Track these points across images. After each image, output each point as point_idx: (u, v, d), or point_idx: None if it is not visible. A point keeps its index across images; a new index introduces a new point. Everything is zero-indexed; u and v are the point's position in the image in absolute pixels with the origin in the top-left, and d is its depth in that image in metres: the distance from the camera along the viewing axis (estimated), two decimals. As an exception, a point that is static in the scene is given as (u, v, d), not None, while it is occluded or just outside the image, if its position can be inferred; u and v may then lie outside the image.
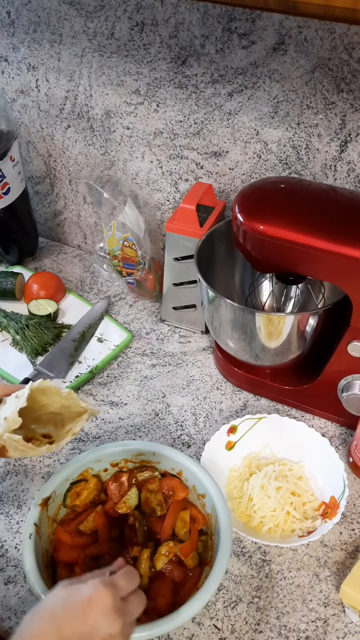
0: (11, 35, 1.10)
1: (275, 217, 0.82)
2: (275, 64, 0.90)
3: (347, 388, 0.90)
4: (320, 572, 0.79)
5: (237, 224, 0.84)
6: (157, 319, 1.17)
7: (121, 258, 1.16)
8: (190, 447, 0.94)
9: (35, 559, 0.70)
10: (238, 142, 1.01)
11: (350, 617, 0.74)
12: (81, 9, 1.01)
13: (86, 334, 1.11)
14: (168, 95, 1.02)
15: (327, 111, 0.91)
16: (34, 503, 0.75)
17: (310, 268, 0.83)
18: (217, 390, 1.03)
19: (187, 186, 1.11)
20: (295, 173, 1.00)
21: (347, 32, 0.83)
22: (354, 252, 0.78)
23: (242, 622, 0.75)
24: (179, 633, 0.74)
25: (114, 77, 1.06)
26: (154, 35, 0.97)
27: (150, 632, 0.64)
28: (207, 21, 0.91)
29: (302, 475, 0.87)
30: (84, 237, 1.33)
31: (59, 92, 1.13)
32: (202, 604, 0.66)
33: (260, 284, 1.04)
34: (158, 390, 1.03)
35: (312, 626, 0.74)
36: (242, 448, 0.91)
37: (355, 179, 0.95)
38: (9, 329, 1.12)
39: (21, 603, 0.76)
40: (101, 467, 0.82)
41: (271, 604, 0.76)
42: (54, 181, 1.28)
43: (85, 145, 1.18)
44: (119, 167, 1.17)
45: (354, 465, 0.89)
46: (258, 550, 0.82)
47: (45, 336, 1.10)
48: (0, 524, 0.84)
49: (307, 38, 0.86)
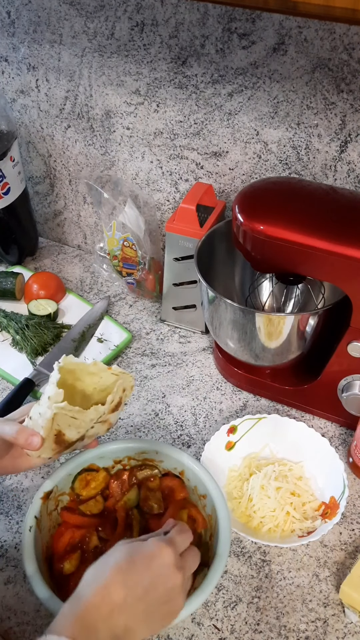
0: (11, 35, 1.10)
1: (275, 217, 0.82)
2: (275, 64, 0.90)
3: (347, 388, 0.90)
4: (320, 572, 0.79)
5: (237, 224, 0.85)
6: (157, 319, 1.17)
7: (121, 258, 1.16)
8: (190, 447, 0.94)
9: (35, 552, 0.70)
10: (238, 142, 1.01)
11: (350, 618, 0.74)
12: (81, 9, 1.01)
13: (86, 334, 1.11)
14: (168, 96, 1.02)
15: (327, 111, 0.91)
16: (36, 496, 0.75)
17: (310, 268, 0.83)
18: (217, 390, 1.03)
19: (187, 186, 1.12)
20: (296, 173, 1.00)
21: (347, 33, 0.83)
22: (354, 253, 0.78)
23: (242, 622, 0.75)
24: (179, 633, 0.74)
25: (114, 77, 1.06)
26: (154, 35, 0.97)
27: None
28: (207, 21, 0.91)
29: (302, 476, 0.87)
30: (84, 237, 1.33)
31: (59, 92, 1.13)
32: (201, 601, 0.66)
33: (260, 284, 1.04)
34: (158, 390, 1.03)
35: (312, 626, 0.74)
36: (242, 448, 0.91)
37: (355, 179, 0.95)
38: (9, 329, 1.12)
39: (21, 603, 0.76)
40: (104, 464, 0.82)
41: (271, 604, 0.76)
42: (54, 181, 1.28)
43: (86, 146, 1.18)
44: (119, 167, 1.17)
45: (353, 466, 0.89)
46: (258, 551, 0.82)
47: (45, 336, 1.10)
48: (0, 524, 0.84)
49: (307, 38, 0.86)
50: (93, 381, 0.72)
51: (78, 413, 0.67)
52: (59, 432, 0.68)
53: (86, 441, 0.74)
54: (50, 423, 0.67)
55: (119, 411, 0.73)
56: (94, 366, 0.71)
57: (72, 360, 0.70)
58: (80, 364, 0.71)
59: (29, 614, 0.75)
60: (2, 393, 1.03)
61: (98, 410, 0.69)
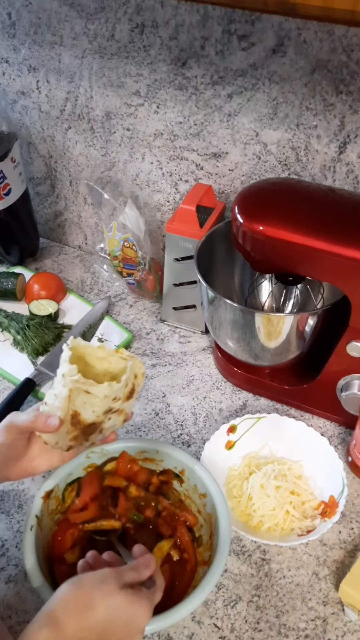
0: (12, 36, 1.11)
1: (274, 218, 0.83)
2: (274, 65, 0.91)
3: (346, 388, 0.90)
4: (320, 571, 0.80)
5: (237, 225, 0.85)
6: (157, 319, 1.17)
7: (121, 259, 1.16)
8: (190, 447, 0.95)
9: (36, 551, 0.70)
10: (238, 143, 1.01)
11: (349, 616, 0.75)
12: (82, 10, 1.01)
13: (87, 334, 1.11)
14: (168, 97, 1.03)
15: (326, 113, 0.91)
16: (37, 495, 0.75)
17: (309, 268, 0.83)
18: (216, 390, 1.04)
19: (187, 187, 1.12)
20: (295, 174, 1.00)
21: (346, 34, 0.83)
22: (353, 253, 0.78)
23: (242, 620, 0.75)
24: (179, 632, 0.74)
25: (115, 78, 1.06)
26: (154, 37, 0.97)
27: (150, 627, 0.64)
28: (206, 23, 0.92)
29: (302, 475, 0.87)
30: (84, 237, 1.34)
31: (59, 94, 1.14)
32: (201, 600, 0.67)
33: (259, 285, 1.05)
34: (158, 390, 1.04)
35: (312, 625, 0.75)
36: (242, 447, 0.91)
37: (354, 180, 0.96)
38: (10, 329, 1.12)
39: (22, 602, 0.77)
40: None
41: (271, 603, 0.77)
42: (55, 182, 1.28)
43: (86, 147, 1.18)
44: (119, 168, 1.17)
45: (353, 465, 0.90)
46: (257, 549, 0.82)
47: (46, 336, 1.10)
48: (1, 524, 0.85)
49: (306, 40, 0.86)
50: (103, 367, 0.71)
51: (92, 387, 0.66)
52: (74, 413, 0.67)
53: (105, 433, 0.72)
54: (67, 402, 0.66)
55: (133, 399, 0.72)
56: (101, 350, 0.70)
57: (80, 342, 0.69)
58: (88, 346, 0.70)
59: (29, 612, 0.76)
60: (3, 393, 1.04)
61: (112, 386, 0.67)
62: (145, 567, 0.65)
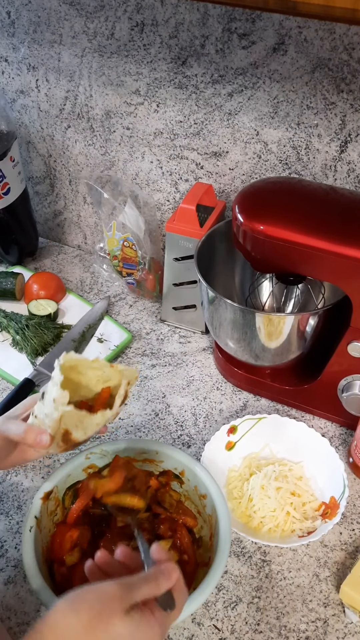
0: (11, 35, 1.11)
1: (275, 217, 0.82)
2: (275, 64, 0.90)
3: (347, 388, 0.90)
4: (320, 572, 0.79)
5: (237, 224, 0.85)
6: (157, 319, 1.17)
7: (121, 258, 1.16)
8: (190, 447, 0.94)
9: (35, 552, 0.70)
10: (238, 142, 1.01)
11: (350, 618, 0.74)
12: (81, 9, 1.01)
13: (86, 334, 1.11)
14: (168, 96, 1.02)
15: (327, 111, 0.91)
16: (36, 496, 0.75)
17: (310, 268, 0.83)
18: (217, 390, 1.03)
19: (187, 186, 1.12)
20: (296, 173, 1.00)
21: (347, 33, 0.83)
22: (354, 253, 0.78)
23: (242, 622, 0.75)
24: (179, 633, 0.74)
25: (114, 77, 1.06)
26: (154, 35, 0.97)
27: None
28: (207, 21, 0.91)
29: (302, 476, 0.87)
30: (84, 237, 1.33)
31: (59, 93, 1.14)
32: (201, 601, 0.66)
33: (260, 284, 1.04)
34: (158, 391, 1.03)
35: (312, 626, 0.74)
36: (242, 448, 0.91)
37: (355, 179, 0.95)
38: (9, 329, 1.12)
39: (21, 603, 0.76)
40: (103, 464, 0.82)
41: (271, 604, 0.76)
42: (54, 181, 1.28)
43: (86, 146, 1.18)
44: (119, 167, 1.17)
45: (354, 466, 0.89)
46: (258, 551, 0.82)
47: (46, 336, 1.10)
48: (1, 524, 0.84)
49: (307, 38, 0.86)
50: (96, 374, 0.72)
51: (85, 417, 0.67)
52: (66, 431, 0.68)
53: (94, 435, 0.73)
54: (57, 423, 0.66)
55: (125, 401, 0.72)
56: (95, 363, 0.71)
57: (73, 356, 0.70)
58: (82, 360, 0.70)
59: (29, 614, 0.75)
60: (2, 393, 1.03)
61: (105, 415, 0.68)
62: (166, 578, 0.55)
